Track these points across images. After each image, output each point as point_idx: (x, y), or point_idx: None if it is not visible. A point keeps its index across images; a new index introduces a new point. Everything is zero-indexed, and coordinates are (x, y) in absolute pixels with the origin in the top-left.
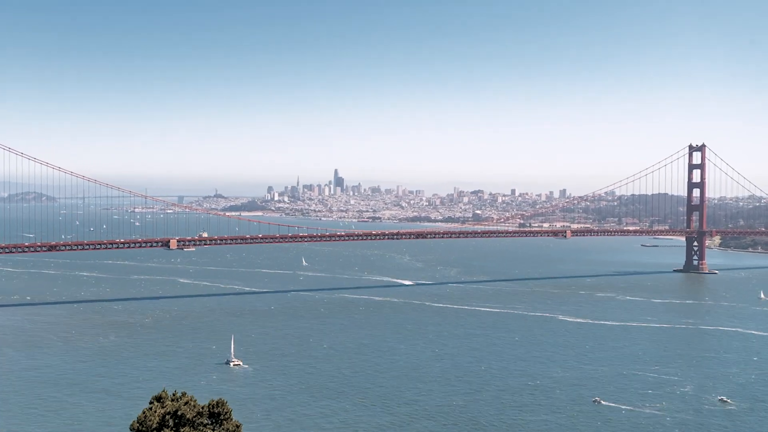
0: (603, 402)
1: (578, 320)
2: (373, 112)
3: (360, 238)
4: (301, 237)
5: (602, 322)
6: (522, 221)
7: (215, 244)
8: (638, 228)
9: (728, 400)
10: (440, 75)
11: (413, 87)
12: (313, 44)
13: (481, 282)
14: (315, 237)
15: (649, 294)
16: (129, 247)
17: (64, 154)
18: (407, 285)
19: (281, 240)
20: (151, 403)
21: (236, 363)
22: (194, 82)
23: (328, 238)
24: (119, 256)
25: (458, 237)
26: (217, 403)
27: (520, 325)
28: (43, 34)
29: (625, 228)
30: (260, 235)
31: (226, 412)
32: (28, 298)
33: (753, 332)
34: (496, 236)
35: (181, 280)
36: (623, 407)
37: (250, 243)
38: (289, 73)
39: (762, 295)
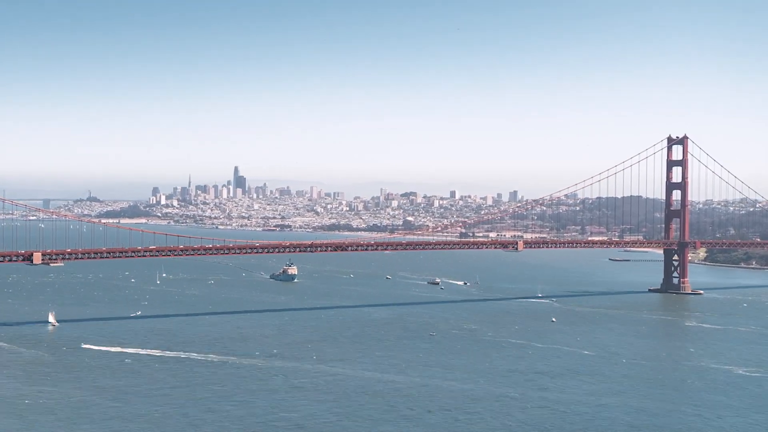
0: None
1: (517, 341)
2: (281, 99)
3: (266, 251)
4: (173, 250)
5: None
6: (463, 230)
7: (88, 258)
8: (605, 238)
9: None
10: (363, 55)
11: (330, 68)
12: (207, 19)
13: (399, 305)
14: (209, 249)
15: (617, 320)
16: None
17: None
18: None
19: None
20: None
21: None
22: (58, 62)
23: (225, 251)
24: None
25: (385, 249)
26: None
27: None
28: None
29: (589, 239)
30: (140, 248)
31: None
32: None
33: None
34: (432, 248)
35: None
36: None
37: (132, 257)
38: (177, 52)
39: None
